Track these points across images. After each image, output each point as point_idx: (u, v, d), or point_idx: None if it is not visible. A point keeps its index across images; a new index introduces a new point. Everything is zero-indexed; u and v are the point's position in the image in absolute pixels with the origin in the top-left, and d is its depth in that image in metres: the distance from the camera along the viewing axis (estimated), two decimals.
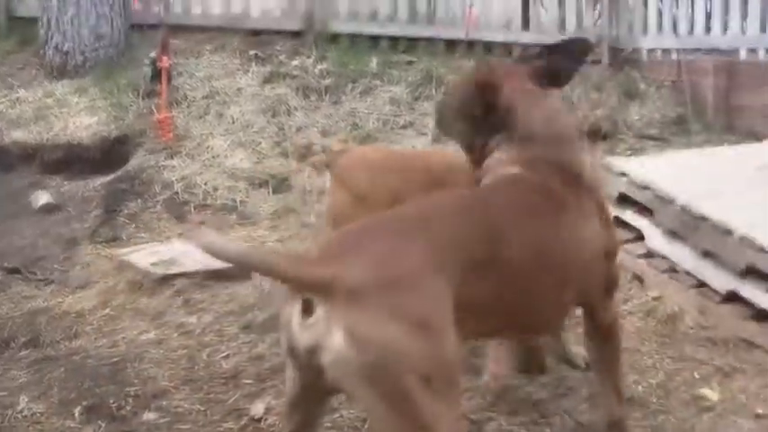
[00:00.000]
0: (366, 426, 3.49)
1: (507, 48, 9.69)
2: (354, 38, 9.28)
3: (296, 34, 9.12)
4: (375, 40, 9.38)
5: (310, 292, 2.20)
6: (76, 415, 3.52)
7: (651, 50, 10.05)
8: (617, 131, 8.44)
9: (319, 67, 8.40)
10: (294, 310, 2.24)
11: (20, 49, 8.22)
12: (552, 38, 9.61)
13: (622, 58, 9.87)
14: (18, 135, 6.97)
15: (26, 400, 3.62)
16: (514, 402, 3.66)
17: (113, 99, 7.37)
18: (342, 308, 2.16)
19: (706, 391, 3.77)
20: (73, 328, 4.34)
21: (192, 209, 6.20)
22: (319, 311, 2.17)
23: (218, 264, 3.48)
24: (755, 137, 7.98)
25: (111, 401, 3.59)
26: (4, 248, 5.46)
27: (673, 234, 4.79)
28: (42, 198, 6.21)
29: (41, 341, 4.18)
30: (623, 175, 5.21)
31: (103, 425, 3.42)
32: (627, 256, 5.04)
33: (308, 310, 2.20)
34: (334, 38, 9.16)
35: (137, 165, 6.63)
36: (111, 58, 7.99)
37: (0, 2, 8.64)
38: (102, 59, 7.95)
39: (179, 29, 8.66)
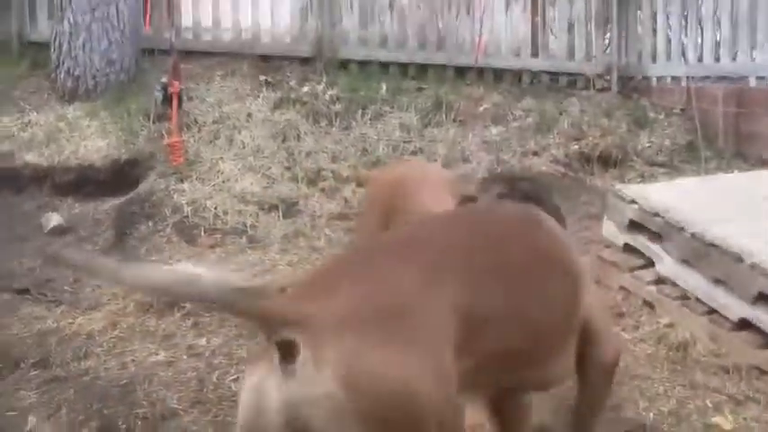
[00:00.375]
0: None
1: (517, 74, 9.73)
2: (364, 64, 9.32)
3: (306, 60, 9.16)
4: (385, 66, 9.41)
5: (290, 329, 1.85)
6: None
7: (660, 78, 10.06)
8: (627, 159, 8.43)
9: (329, 92, 8.42)
10: (262, 365, 1.91)
11: (32, 73, 8.26)
12: (561, 65, 9.71)
13: (632, 86, 9.89)
14: (30, 157, 6.99)
15: (35, 420, 3.62)
16: None
17: (124, 123, 7.40)
18: (333, 344, 1.86)
19: (718, 420, 3.75)
20: (82, 349, 4.34)
21: (202, 232, 6.21)
22: (304, 353, 1.84)
23: None
24: (766, 164, 8.00)
25: (121, 423, 3.59)
26: (14, 270, 5.46)
27: (684, 261, 4.78)
28: (53, 220, 6.22)
29: (51, 362, 4.17)
30: (633, 202, 5.20)
31: None
32: (638, 283, 5.04)
33: (286, 357, 1.85)
34: (344, 64, 9.21)
35: (147, 188, 6.65)
36: (122, 83, 8.03)
37: (13, 27, 8.70)
38: (113, 84, 7.99)
39: (189, 54, 8.71)
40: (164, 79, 7.51)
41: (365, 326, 1.91)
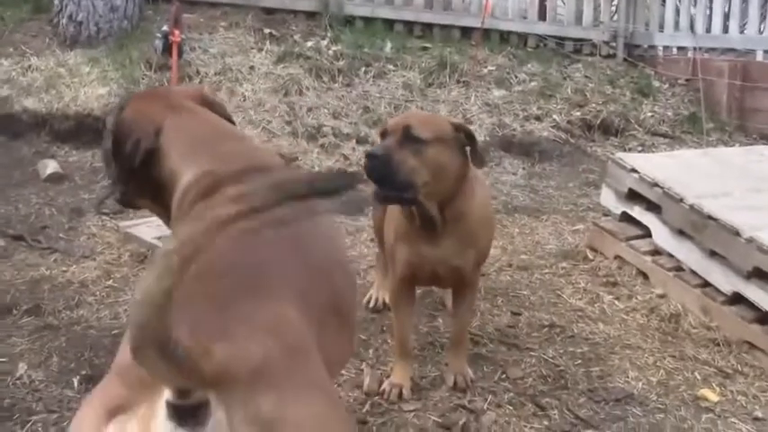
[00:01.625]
0: (366, 408, 3.50)
1: (522, 38, 9.67)
2: (369, 21, 9.25)
3: (311, 15, 9.08)
4: (390, 23, 9.34)
5: (203, 386, 1.54)
6: (75, 384, 3.53)
7: (667, 48, 10.00)
8: (629, 127, 8.41)
9: (333, 48, 8.38)
10: (138, 424, 1.56)
11: (34, 17, 8.18)
12: (568, 30, 9.64)
13: (637, 55, 9.83)
14: (28, 103, 6.95)
15: (25, 367, 3.63)
16: (512, 395, 3.66)
17: (125, 71, 7.35)
18: (251, 400, 1.59)
19: (706, 392, 3.77)
20: (75, 298, 4.34)
21: None
22: (217, 414, 1.55)
23: None
24: None
25: None
26: (9, 215, 5.45)
27: (680, 232, 4.77)
28: (50, 167, 6.20)
29: (43, 309, 4.17)
30: (633, 171, 5.19)
31: None
32: (633, 253, 5.04)
33: (187, 417, 1.53)
34: (349, 20, 9.13)
35: None
36: (124, 30, 7.97)
37: None
38: (116, 31, 7.92)
39: (194, 4, 8.64)
40: (165, 27, 7.46)
41: (276, 379, 1.67)
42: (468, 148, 3.39)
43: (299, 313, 1.89)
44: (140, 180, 2.61)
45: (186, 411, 1.53)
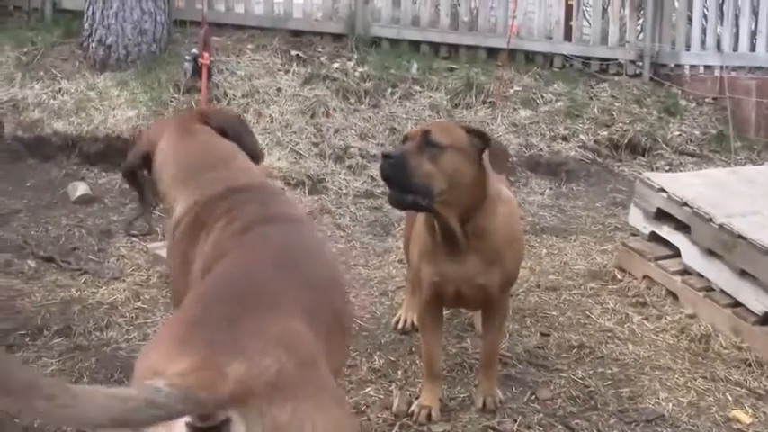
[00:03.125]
0: (395, 429, 3.49)
1: (548, 58, 9.67)
2: (395, 42, 9.28)
3: (337, 36, 9.13)
4: (416, 45, 9.37)
5: (223, 408, 1.62)
6: None
7: (693, 66, 9.96)
8: (656, 147, 8.38)
9: (360, 70, 8.41)
10: None
11: (64, 41, 8.27)
12: (594, 50, 9.64)
13: (664, 74, 9.80)
14: (59, 126, 7.02)
15: None
16: (542, 416, 3.64)
17: (154, 93, 7.42)
18: (269, 414, 1.67)
19: (738, 413, 3.74)
20: (105, 319, 4.37)
21: None
22: (238, 428, 1.62)
23: None
24: None
25: None
26: (39, 237, 5.50)
27: (709, 252, 4.74)
28: (80, 189, 6.25)
29: (73, 331, 4.21)
30: (662, 190, 5.17)
31: None
32: (662, 273, 5.01)
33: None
34: (376, 42, 9.17)
35: None
36: (153, 53, 8.04)
37: None
38: (145, 54, 8.00)
39: (221, 27, 8.72)
40: (194, 50, 7.53)
41: (291, 390, 1.74)
42: (486, 152, 3.35)
43: (305, 327, 1.97)
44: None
45: (207, 431, 1.58)
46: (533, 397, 3.80)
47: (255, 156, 3.05)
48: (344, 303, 2.47)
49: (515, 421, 3.59)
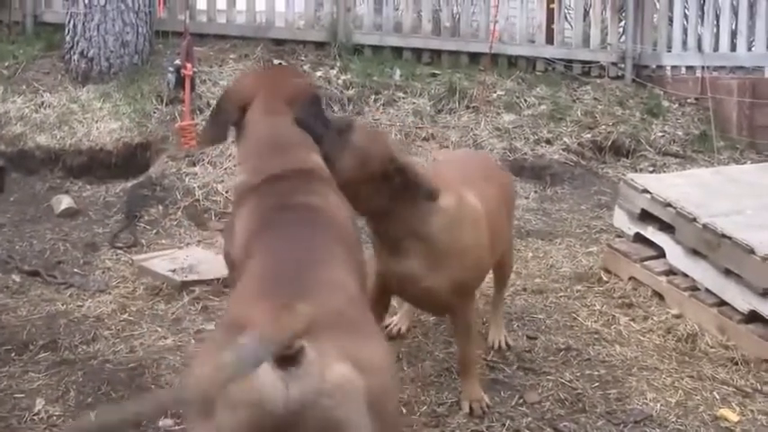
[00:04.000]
0: None
1: (531, 62, 9.70)
2: (378, 49, 9.30)
3: (319, 45, 9.14)
4: (398, 51, 9.39)
5: (295, 340, 1.94)
6: (93, 419, 3.52)
7: (675, 67, 10.00)
8: (639, 148, 8.41)
9: (343, 77, 8.42)
10: (263, 376, 1.91)
11: (46, 53, 8.25)
12: (576, 53, 9.67)
13: (646, 75, 9.85)
14: (42, 139, 7.00)
15: (43, 402, 3.63)
16: (530, 419, 3.65)
17: (137, 105, 7.40)
18: (333, 341, 2.01)
19: (725, 412, 3.75)
20: (91, 333, 4.34)
21: (213, 216, 6.21)
22: (310, 354, 1.93)
23: None
24: None
25: None
26: (24, 251, 5.48)
27: (694, 252, 4.76)
28: (64, 202, 6.23)
29: (60, 344, 4.18)
30: (645, 192, 5.19)
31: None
32: (648, 274, 5.03)
33: (285, 364, 1.92)
34: (358, 49, 9.18)
35: (158, 171, 6.65)
36: (135, 65, 8.03)
37: (27, 7, 8.71)
38: (127, 66, 7.98)
39: (203, 37, 8.71)
40: (177, 61, 7.50)
41: (350, 322, 2.15)
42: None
43: (348, 276, 2.43)
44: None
45: (287, 358, 1.90)
46: (521, 400, 3.80)
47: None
48: (363, 259, 2.92)
49: (504, 425, 3.59)
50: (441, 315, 4.24)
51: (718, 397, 3.90)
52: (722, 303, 4.55)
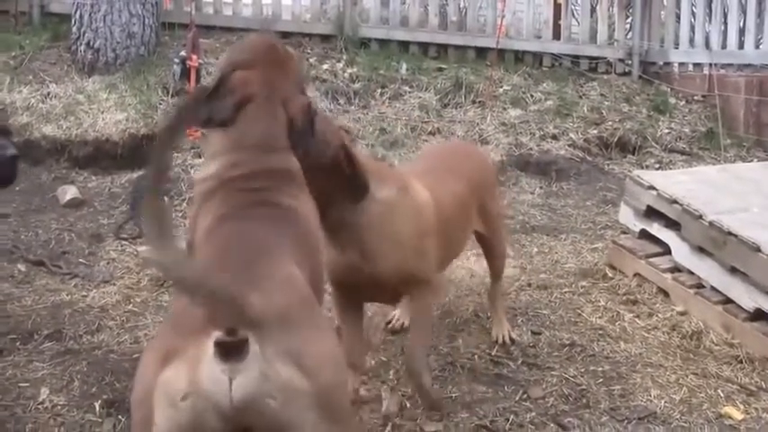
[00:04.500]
0: (387, 430, 3.49)
1: (537, 57, 9.68)
2: (384, 43, 9.29)
3: (326, 38, 9.13)
4: (405, 45, 9.38)
5: (244, 326, 1.90)
6: (97, 409, 3.54)
7: (682, 64, 9.98)
8: (646, 145, 8.40)
9: (349, 71, 8.41)
10: (206, 367, 1.89)
11: (52, 44, 8.25)
12: (583, 48, 9.65)
13: (653, 72, 9.82)
14: (47, 130, 7.00)
15: (47, 392, 3.64)
16: (534, 414, 3.65)
17: (143, 96, 7.40)
18: (278, 339, 1.96)
19: (730, 410, 3.74)
20: (96, 323, 4.35)
21: None
22: (254, 349, 1.89)
23: None
24: None
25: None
26: (29, 241, 5.48)
27: (700, 249, 4.75)
28: (69, 193, 6.23)
29: (64, 334, 4.19)
30: (651, 188, 5.18)
31: (123, 419, 3.44)
32: (653, 270, 5.02)
33: (230, 354, 1.88)
34: (365, 43, 9.17)
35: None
36: (141, 56, 8.02)
37: None
38: (133, 57, 7.98)
39: (210, 29, 8.71)
40: (182, 53, 7.50)
41: (297, 321, 2.09)
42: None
43: (300, 273, 2.35)
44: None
45: (231, 348, 1.87)
46: (525, 396, 3.81)
47: None
48: (319, 257, 2.80)
49: (507, 420, 3.59)
50: (391, 304, 4.21)
51: (722, 395, 3.89)
52: (727, 301, 4.54)
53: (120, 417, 3.47)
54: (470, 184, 4.00)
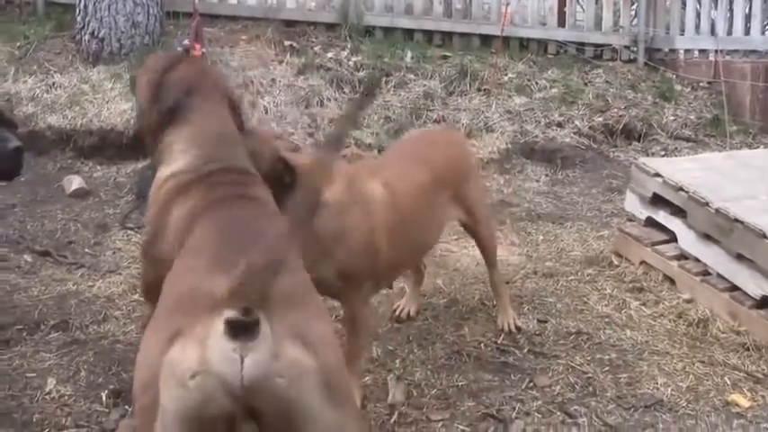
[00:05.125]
0: (393, 419, 3.50)
1: (542, 44, 9.65)
2: (389, 31, 9.26)
3: (330, 26, 9.11)
4: (410, 33, 9.35)
5: (258, 307, 1.89)
6: (104, 399, 3.55)
7: (688, 51, 9.94)
8: (651, 132, 8.37)
9: (354, 59, 8.39)
10: (198, 343, 1.90)
11: (56, 34, 8.25)
12: (588, 36, 9.62)
13: (658, 59, 9.79)
14: (53, 120, 7.00)
15: (54, 382, 3.65)
16: (541, 403, 3.65)
17: None
18: (286, 319, 1.98)
19: (737, 397, 3.74)
20: (102, 313, 4.36)
21: None
22: (264, 329, 1.88)
23: None
24: None
25: None
26: (35, 232, 5.49)
27: (706, 236, 4.74)
28: (75, 183, 6.24)
29: (70, 324, 4.20)
30: (657, 176, 5.16)
31: (130, 409, 3.44)
32: (659, 258, 5.01)
33: (241, 333, 1.87)
34: (369, 31, 9.14)
35: None
36: (146, 46, 8.01)
37: None
38: (138, 46, 7.97)
39: (214, 18, 8.69)
40: (186, 42, 7.49)
41: (301, 303, 2.15)
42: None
43: (295, 256, 2.38)
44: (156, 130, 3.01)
45: (241, 327, 1.86)
46: (532, 384, 3.81)
47: None
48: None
49: (514, 409, 3.59)
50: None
51: (729, 382, 3.89)
52: (734, 288, 4.53)
53: (126, 407, 3.47)
54: (438, 172, 3.93)
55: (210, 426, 1.91)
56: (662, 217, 5.15)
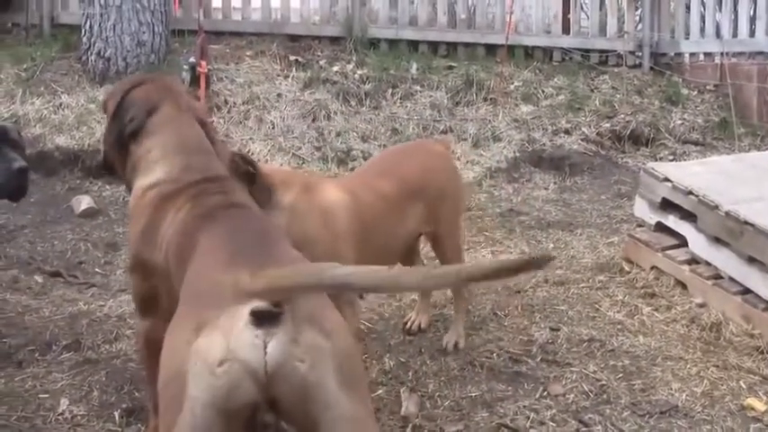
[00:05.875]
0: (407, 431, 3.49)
1: (547, 52, 9.66)
2: (394, 43, 9.28)
3: (335, 39, 9.14)
4: (414, 44, 9.37)
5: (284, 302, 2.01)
6: (117, 418, 3.54)
7: (693, 54, 9.93)
8: (659, 137, 8.36)
9: (359, 72, 8.41)
10: (224, 332, 2.00)
11: (63, 55, 8.30)
12: (593, 42, 9.62)
13: (664, 63, 9.78)
14: (61, 140, 7.04)
15: (67, 402, 3.64)
16: (555, 412, 3.63)
17: None
18: (302, 306, 2.06)
19: (752, 401, 3.71)
20: (114, 332, 4.35)
21: None
22: (286, 316, 2.00)
23: None
24: None
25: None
26: (45, 252, 5.50)
27: (717, 240, 4.72)
28: (84, 203, 6.25)
29: (82, 344, 4.19)
30: (666, 180, 5.15)
31: (143, 428, 3.43)
32: (670, 263, 4.99)
33: (264, 321, 1.98)
34: (374, 43, 9.17)
35: None
36: (152, 64, 8.05)
37: (44, 9, 8.76)
38: (144, 65, 8.01)
39: (219, 34, 8.73)
40: (192, 59, 7.52)
41: (315, 295, 2.19)
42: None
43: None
44: (120, 148, 3.04)
45: (266, 317, 1.97)
46: (545, 393, 3.79)
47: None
48: None
49: (528, 418, 3.57)
50: None
51: (744, 386, 3.86)
52: (746, 291, 4.51)
53: (139, 425, 3.46)
54: (410, 185, 3.89)
55: (236, 416, 1.99)
56: (672, 221, 5.13)
